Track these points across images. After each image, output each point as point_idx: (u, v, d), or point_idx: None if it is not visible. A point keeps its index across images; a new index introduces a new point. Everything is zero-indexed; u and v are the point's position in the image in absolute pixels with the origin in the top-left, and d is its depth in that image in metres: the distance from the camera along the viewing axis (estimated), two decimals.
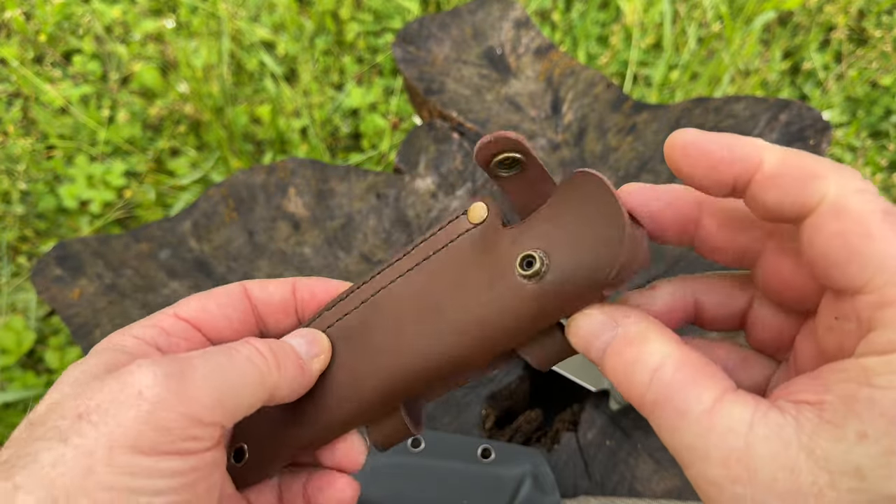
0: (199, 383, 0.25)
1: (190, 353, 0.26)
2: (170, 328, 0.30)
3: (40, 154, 1.33)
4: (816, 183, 0.22)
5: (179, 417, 0.24)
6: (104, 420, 0.23)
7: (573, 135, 0.71)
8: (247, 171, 0.68)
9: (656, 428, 0.23)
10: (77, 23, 1.49)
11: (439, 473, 0.49)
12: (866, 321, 0.21)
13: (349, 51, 1.50)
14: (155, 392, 0.24)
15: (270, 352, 0.28)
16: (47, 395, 0.26)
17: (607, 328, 0.25)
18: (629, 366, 0.23)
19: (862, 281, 0.21)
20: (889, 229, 0.21)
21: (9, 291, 1.18)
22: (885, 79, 1.45)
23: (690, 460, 0.21)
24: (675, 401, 0.22)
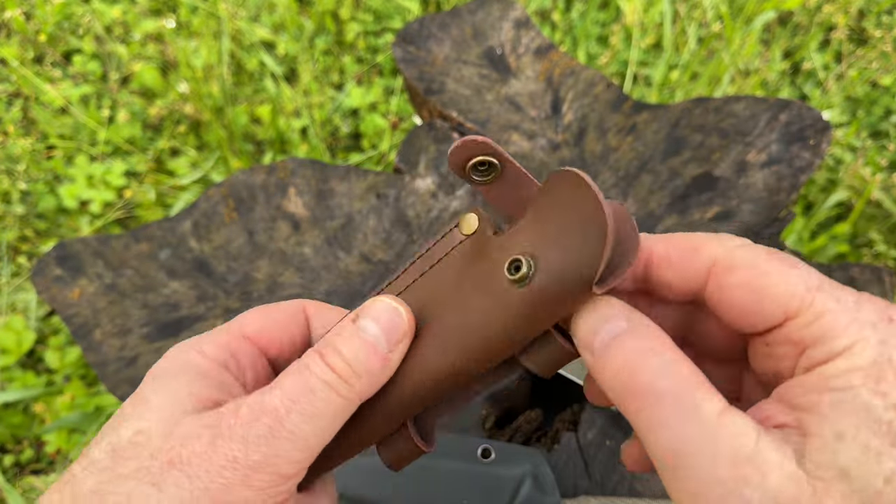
0: (288, 442, 0.25)
1: (273, 403, 0.26)
2: (240, 352, 0.30)
3: (40, 154, 1.33)
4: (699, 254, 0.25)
5: (271, 477, 0.25)
6: (198, 475, 0.24)
7: (573, 135, 0.71)
8: (247, 171, 0.68)
9: (654, 423, 0.22)
10: (77, 23, 1.49)
11: (439, 473, 0.49)
12: (799, 341, 0.23)
13: (349, 51, 1.50)
14: (249, 461, 0.25)
15: (346, 366, 0.27)
16: (128, 415, 0.26)
17: (618, 320, 0.24)
18: (639, 354, 0.23)
19: (779, 314, 0.23)
20: (778, 263, 0.23)
21: (9, 291, 1.18)
22: (885, 79, 1.45)
23: (693, 459, 0.21)
24: (688, 398, 0.22)
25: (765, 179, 0.67)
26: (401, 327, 0.28)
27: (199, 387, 0.27)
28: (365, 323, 0.28)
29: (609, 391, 0.24)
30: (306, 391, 0.26)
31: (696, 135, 0.70)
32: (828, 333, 0.22)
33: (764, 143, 0.69)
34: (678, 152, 0.69)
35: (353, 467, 0.49)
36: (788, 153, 0.68)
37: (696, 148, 0.69)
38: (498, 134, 0.71)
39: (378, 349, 0.27)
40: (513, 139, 0.70)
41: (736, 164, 0.68)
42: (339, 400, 0.26)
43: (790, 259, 0.24)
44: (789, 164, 0.68)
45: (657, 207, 0.66)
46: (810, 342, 0.22)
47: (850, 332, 0.22)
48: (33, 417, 1.07)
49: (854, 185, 1.31)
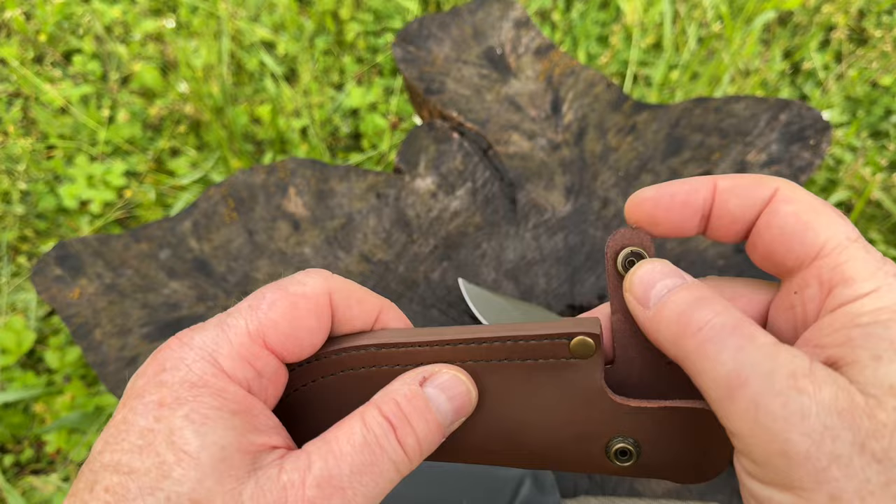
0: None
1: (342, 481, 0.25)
2: (262, 367, 0.27)
3: (40, 154, 1.33)
4: (766, 184, 0.26)
5: None
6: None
7: (573, 135, 0.71)
8: (247, 171, 0.68)
9: (712, 354, 0.23)
10: (77, 23, 1.49)
11: (439, 473, 0.49)
12: (826, 281, 0.25)
13: (349, 51, 1.50)
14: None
15: (416, 444, 0.26)
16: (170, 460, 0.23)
17: (672, 277, 0.26)
18: (695, 301, 0.24)
19: (815, 249, 0.25)
20: (830, 210, 0.25)
21: (9, 291, 1.18)
22: (885, 79, 1.45)
23: (753, 378, 0.22)
24: (744, 329, 0.23)
25: None
26: (467, 407, 0.28)
27: (243, 435, 0.25)
28: (435, 394, 0.27)
29: (665, 339, 0.25)
30: (373, 469, 0.25)
31: (696, 135, 0.70)
32: (855, 276, 0.24)
33: (764, 143, 0.69)
34: (678, 152, 0.69)
35: None
36: (788, 153, 0.68)
37: (696, 148, 0.69)
38: (498, 134, 0.71)
39: (443, 426, 0.27)
40: (513, 139, 0.70)
41: (736, 164, 0.68)
42: (397, 476, 0.26)
43: (839, 212, 0.26)
44: (789, 164, 0.68)
45: None
46: (838, 282, 0.24)
47: (876, 277, 0.24)
48: (33, 417, 1.07)
49: (854, 185, 1.31)
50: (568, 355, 0.27)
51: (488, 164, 0.69)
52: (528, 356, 0.27)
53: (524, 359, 0.27)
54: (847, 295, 0.24)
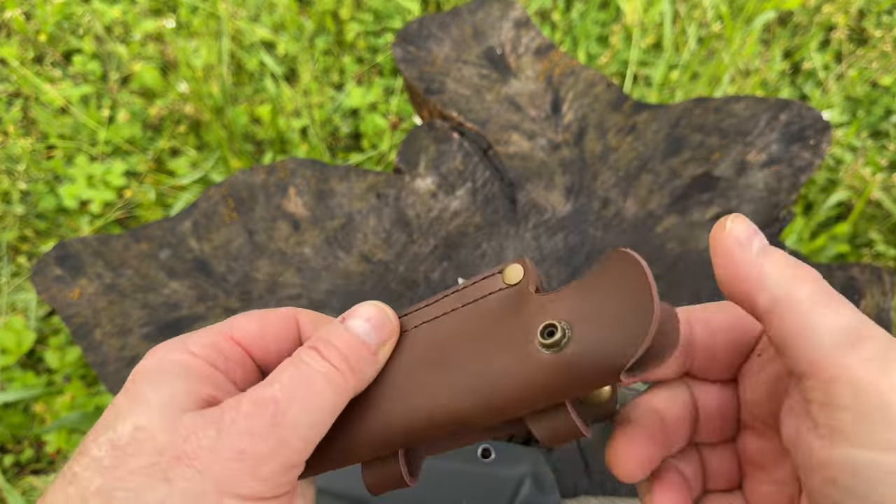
0: (291, 432, 0.26)
1: (274, 392, 0.26)
2: (228, 352, 0.30)
3: (40, 154, 1.33)
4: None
5: (278, 468, 0.26)
6: (209, 468, 0.25)
7: (573, 135, 0.71)
8: (247, 171, 0.68)
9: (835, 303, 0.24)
10: (77, 23, 1.49)
11: (439, 473, 0.49)
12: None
13: (349, 51, 1.50)
14: (256, 451, 0.25)
15: (344, 362, 0.28)
16: (125, 411, 0.26)
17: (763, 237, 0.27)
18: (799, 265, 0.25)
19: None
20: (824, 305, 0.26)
21: (9, 291, 1.18)
22: (885, 79, 1.45)
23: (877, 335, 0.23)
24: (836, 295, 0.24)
25: (765, 179, 0.67)
26: (388, 326, 0.30)
27: (195, 384, 0.28)
28: (353, 321, 0.29)
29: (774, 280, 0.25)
30: (304, 383, 0.27)
31: (696, 135, 0.70)
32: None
33: (764, 143, 0.69)
34: (678, 152, 0.69)
35: (352, 467, 0.49)
36: (788, 153, 0.68)
37: (696, 148, 0.69)
38: (498, 134, 0.71)
39: (368, 344, 0.29)
40: (513, 139, 0.70)
41: (736, 164, 0.68)
42: (333, 392, 0.27)
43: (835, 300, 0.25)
44: (789, 164, 0.68)
45: (657, 207, 0.66)
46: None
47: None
48: (33, 417, 1.07)
49: (854, 185, 1.31)
50: (503, 286, 0.29)
51: (488, 164, 0.69)
52: (473, 298, 0.30)
53: (469, 302, 0.30)
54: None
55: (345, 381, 0.28)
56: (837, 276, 0.63)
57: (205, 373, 0.29)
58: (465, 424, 0.28)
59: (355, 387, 0.28)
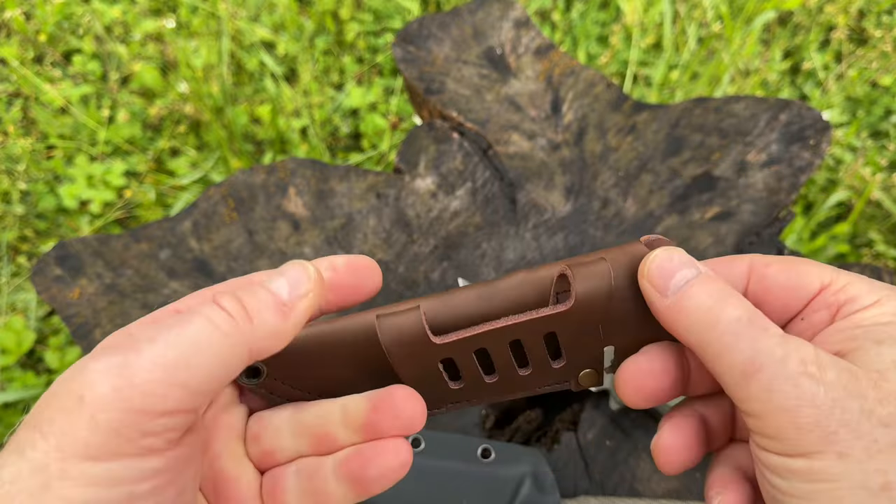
0: (145, 370, 0.22)
1: (138, 334, 0.23)
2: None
3: (40, 154, 1.33)
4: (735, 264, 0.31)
5: (124, 415, 0.21)
6: (52, 430, 0.21)
7: (573, 135, 0.71)
8: (247, 171, 0.68)
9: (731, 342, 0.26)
10: (77, 23, 1.49)
11: (439, 473, 0.49)
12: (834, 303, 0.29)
13: (349, 51, 1.50)
14: (95, 393, 0.21)
15: (237, 303, 0.24)
16: None
17: (689, 268, 0.28)
18: (713, 294, 0.27)
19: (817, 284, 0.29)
20: (803, 259, 0.30)
21: (9, 291, 1.18)
22: (885, 79, 1.45)
23: (769, 363, 0.25)
24: (760, 321, 0.26)
25: (765, 179, 0.67)
26: (306, 281, 0.27)
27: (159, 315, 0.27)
28: (270, 279, 0.27)
29: (684, 328, 0.27)
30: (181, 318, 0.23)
31: (696, 135, 0.70)
32: (859, 293, 0.28)
33: (764, 143, 0.69)
34: (678, 152, 0.69)
35: None
36: (788, 153, 0.68)
37: (696, 148, 0.69)
38: (498, 134, 0.71)
39: (276, 294, 0.26)
40: (513, 139, 0.70)
41: (736, 164, 0.68)
42: (217, 335, 0.23)
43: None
44: (789, 164, 0.68)
45: (657, 207, 0.66)
46: (844, 301, 0.28)
47: (874, 291, 0.28)
48: None
49: (854, 185, 1.31)
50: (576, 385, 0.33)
51: (488, 164, 0.69)
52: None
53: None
54: (853, 308, 0.28)
55: (232, 324, 0.24)
56: None
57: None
58: None
59: (254, 338, 0.24)
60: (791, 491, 0.25)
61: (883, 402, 0.24)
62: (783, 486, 0.25)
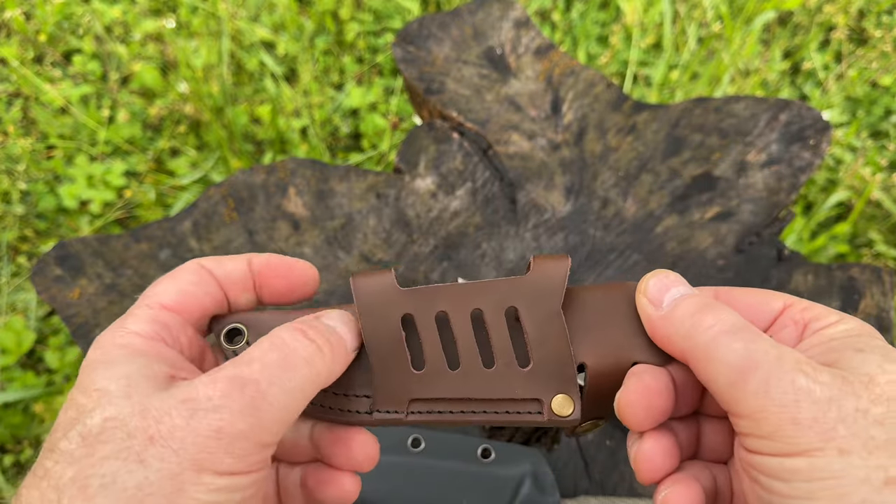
0: (268, 413, 0.27)
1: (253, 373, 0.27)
2: (167, 321, 0.30)
3: (40, 154, 1.33)
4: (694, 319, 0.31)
5: (254, 447, 0.26)
6: (184, 447, 0.25)
7: (573, 135, 0.71)
8: (247, 171, 0.68)
9: (724, 347, 0.27)
10: (77, 23, 1.49)
11: (439, 473, 0.49)
12: (800, 320, 0.31)
13: (349, 51, 1.50)
14: (236, 430, 0.26)
15: (329, 345, 0.29)
16: (90, 406, 0.26)
17: (680, 285, 0.31)
18: (704, 306, 0.29)
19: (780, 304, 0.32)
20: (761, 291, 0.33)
21: (9, 291, 1.18)
22: (885, 79, 1.45)
23: (764, 360, 0.26)
24: (751, 327, 0.28)
25: (765, 179, 0.67)
26: (357, 329, 0.32)
27: (149, 365, 0.28)
28: (329, 320, 0.31)
29: (675, 333, 0.29)
30: (285, 364, 0.28)
31: (696, 135, 0.70)
32: (819, 314, 0.30)
33: (764, 143, 0.69)
34: (678, 152, 0.69)
35: None
36: (788, 153, 0.68)
37: (696, 148, 0.69)
38: (498, 134, 0.71)
39: (344, 337, 0.31)
40: (513, 139, 0.70)
41: (736, 164, 0.68)
42: (312, 374, 0.28)
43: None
44: (789, 164, 0.68)
45: (657, 207, 0.66)
46: (809, 319, 0.30)
47: (832, 313, 0.30)
48: (33, 417, 1.07)
49: (854, 185, 1.31)
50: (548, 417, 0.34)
51: (488, 164, 0.69)
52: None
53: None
54: (820, 325, 0.30)
55: (324, 364, 0.29)
56: (837, 276, 0.63)
57: (154, 350, 0.29)
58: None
59: (330, 373, 0.29)
60: (792, 492, 0.25)
61: (875, 402, 0.25)
62: (783, 489, 0.25)
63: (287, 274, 0.33)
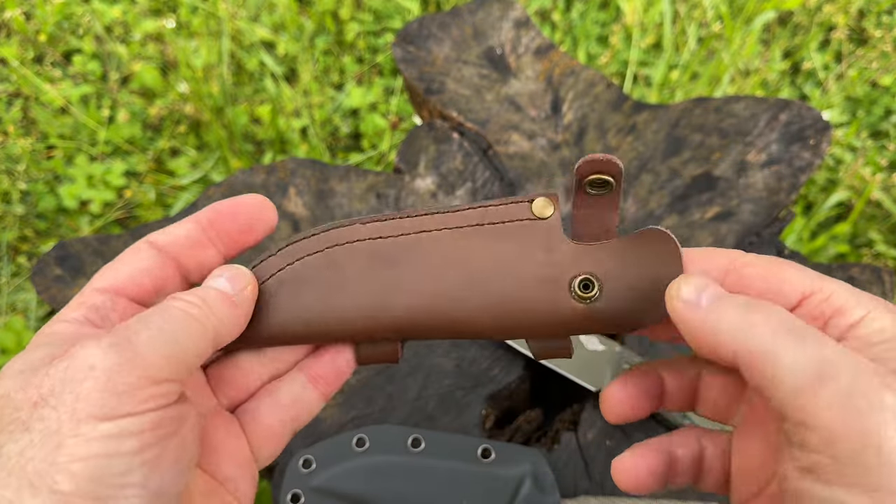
0: (145, 346, 0.25)
1: (127, 323, 0.26)
2: (98, 303, 0.29)
3: (40, 154, 1.33)
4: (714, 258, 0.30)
5: (135, 380, 0.25)
6: (61, 400, 0.24)
7: (573, 134, 0.71)
8: (247, 171, 0.68)
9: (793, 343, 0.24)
10: (77, 23, 1.49)
11: (439, 473, 0.49)
12: (820, 315, 0.27)
13: (349, 51, 1.50)
14: (107, 362, 0.24)
15: (199, 299, 0.29)
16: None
17: (716, 287, 0.27)
18: (747, 307, 0.25)
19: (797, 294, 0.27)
20: (786, 261, 0.28)
21: (9, 291, 1.18)
22: (885, 79, 1.45)
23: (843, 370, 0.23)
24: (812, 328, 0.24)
25: (765, 179, 0.67)
26: (243, 278, 0.31)
27: (56, 347, 0.27)
28: (210, 280, 0.31)
29: (726, 335, 0.25)
30: (160, 311, 0.27)
31: (696, 135, 0.70)
32: (844, 305, 0.25)
33: (764, 143, 0.69)
34: (678, 152, 0.69)
35: (352, 467, 0.49)
36: (788, 153, 0.68)
37: (696, 148, 0.69)
38: (498, 134, 0.71)
39: (223, 291, 0.30)
40: (513, 139, 0.70)
41: (736, 164, 0.68)
42: (189, 321, 0.27)
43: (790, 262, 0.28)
44: (789, 164, 0.68)
45: (657, 207, 0.66)
46: (831, 313, 0.26)
47: (861, 304, 0.25)
48: None
49: (854, 185, 1.31)
50: (531, 216, 0.30)
51: (488, 164, 0.69)
52: (497, 220, 0.31)
53: (493, 223, 0.31)
54: (844, 322, 0.25)
55: (202, 314, 0.28)
56: (837, 276, 0.63)
57: (70, 332, 0.28)
58: (473, 332, 0.30)
59: (217, 325, 0.29)
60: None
61: None
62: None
63: (238, 211, 0.32)
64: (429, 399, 0.57)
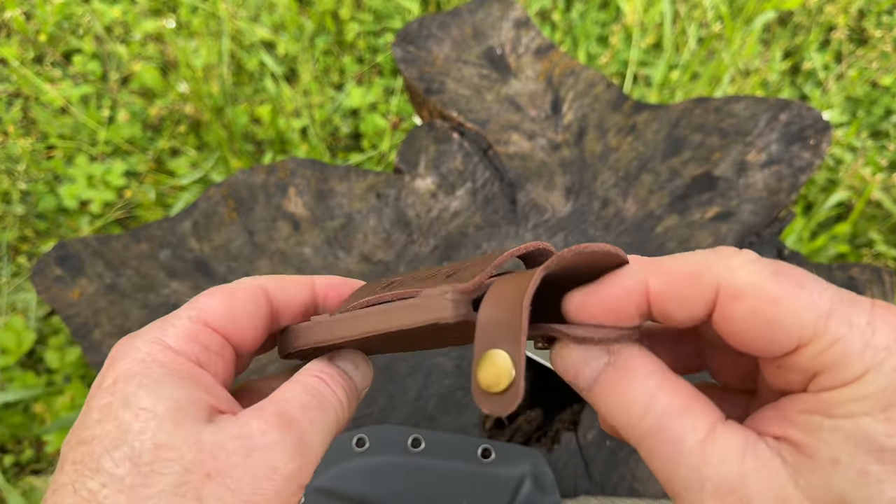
0: (312, 456, 0.27)
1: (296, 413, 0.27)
2: (207, 343, 0.29)
3: (40, 154, 1.33)
4: (701, 282, 0.23)
5: (297, 489, 0.26)
6: (240, 487, 0.25)
7: (573, 135, 0.71)
8: (247, 171, 0.68)
9: (648, 458, 0.23)
10: (77, 23, 1.49)
11: (439, 473, 0.49)
12: (809, 369, 0.22)
13: (349, 51, 1.50)
14: (288, 470, 0.26)
15: (348, 399, 0.30)
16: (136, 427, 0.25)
17: (597, 358, 0.24)
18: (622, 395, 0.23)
19: (792, 343, 0.21)
20: (787, 286, 0.21)
21: (9, 291, 1.18)
22: (885, 79, 1.45)
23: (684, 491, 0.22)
24: (671, 430, 0.22)
25: (765, 179, 0.67)
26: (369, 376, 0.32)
27: (193, 391, 0.26)
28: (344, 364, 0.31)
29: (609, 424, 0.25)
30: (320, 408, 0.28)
31: (696, 135, 0.70)
32: (840, 362, 0.21)
33: (764, 143, 0.69)
34: (678, 152, 0.69)
35: (352, 468, 0.49)
36: (788, 153, 0.68)
37: (696, 148, 0.69)
38: (498, 134, 0.71)
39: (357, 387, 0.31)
40: (513, 139, 0.70)
41: (736, 164, 0.68)
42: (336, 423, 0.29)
43: (798, 277, 0.22)
44: (789, 164, 0.68)
45: (657, 207, 0.66)
46: (822, 369, 0.21)
47: (864, 358, 0.21)
48: (33, 417, 1.07)
49: (854, 185, 1.31)
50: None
51: (488, 164, 0.69)
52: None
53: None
54: (830, 382, 0.21)
55: (344, 414, 0.29)
56: (837, 276, 0.63)
57: (195, 374, 0.27)
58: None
59: (348, 420, 0.30)
60: None
61: None
62: None
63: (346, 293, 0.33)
64: (429, 399, 0.57)
